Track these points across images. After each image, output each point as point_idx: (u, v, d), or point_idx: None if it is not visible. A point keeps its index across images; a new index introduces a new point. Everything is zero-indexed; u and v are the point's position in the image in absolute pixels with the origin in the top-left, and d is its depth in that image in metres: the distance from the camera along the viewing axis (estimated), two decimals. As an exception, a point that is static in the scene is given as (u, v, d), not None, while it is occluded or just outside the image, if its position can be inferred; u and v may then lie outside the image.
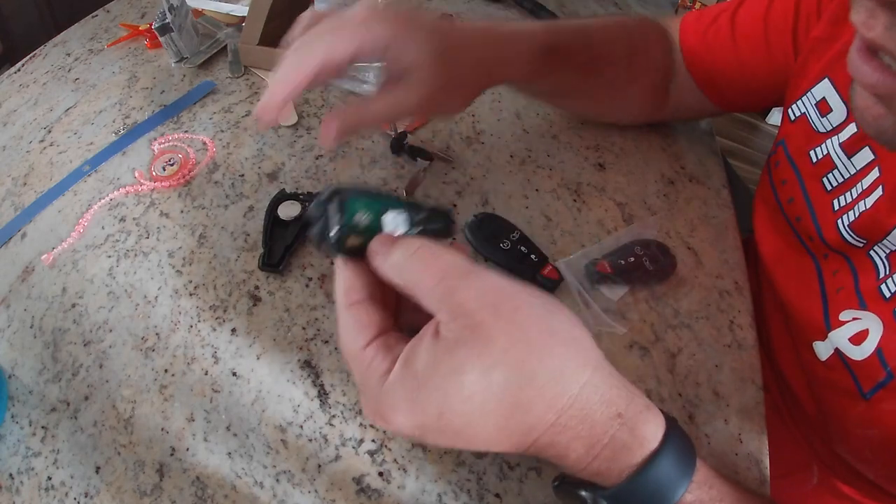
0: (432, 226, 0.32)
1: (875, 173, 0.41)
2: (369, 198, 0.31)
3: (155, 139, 0.55)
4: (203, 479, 0.36)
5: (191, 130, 0.56)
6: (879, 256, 0.41)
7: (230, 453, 0.37)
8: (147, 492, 0.36)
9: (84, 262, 0.46)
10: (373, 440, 0.38)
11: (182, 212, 0.50)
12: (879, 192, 0.40)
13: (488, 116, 0.60)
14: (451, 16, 0.73)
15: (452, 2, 0.79)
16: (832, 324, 0.43)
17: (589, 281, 0.46)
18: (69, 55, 0.66)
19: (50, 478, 0.36)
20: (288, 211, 0.48)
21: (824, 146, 0.45)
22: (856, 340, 0.41)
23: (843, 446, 0.47)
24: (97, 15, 0.72)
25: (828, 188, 0.45)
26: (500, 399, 0.26)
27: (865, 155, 0.42)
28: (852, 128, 0.43)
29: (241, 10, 0.67)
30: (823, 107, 0.45)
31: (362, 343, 0.29)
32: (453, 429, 0.27)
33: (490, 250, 0.47)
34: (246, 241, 0.48)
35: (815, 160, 0.46)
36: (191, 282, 0.45)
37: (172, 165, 0.53)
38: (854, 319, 0.42)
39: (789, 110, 0.49)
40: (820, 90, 0.46)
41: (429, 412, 0.26)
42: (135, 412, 0.39)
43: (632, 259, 0.47)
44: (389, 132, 0.55)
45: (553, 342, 0.27)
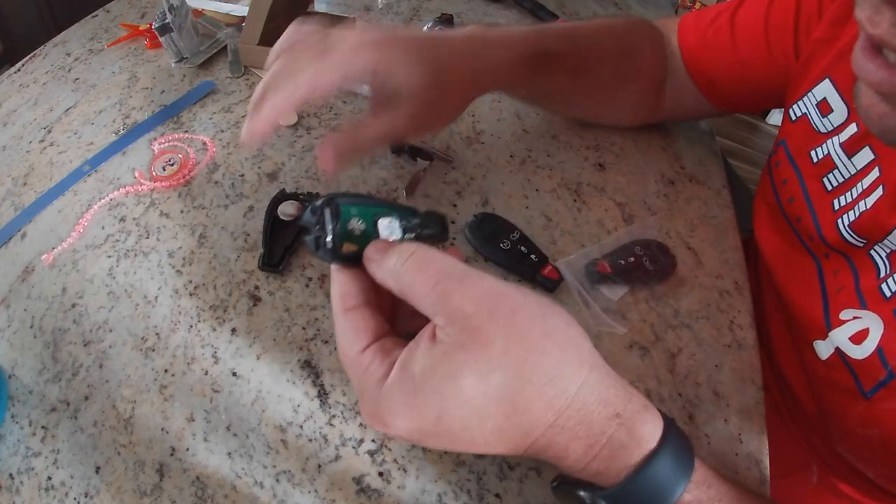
0: (427, 231, 0.32)
1: (875, 173, 0.41)
2: (363, 204, 0.31)
3: (155, 139, 0.55)
4: (203, 479, 0.36)
5: (191, 130, 0.56)
6: (880, 256, 0.41)
7: (230, 453, 0.37)
8: (147, 492, 0.36)
9: (84, 262, 0.46)
10: (373, 440, 0.38)
11: (182, 212, 0.50)
12: (880, 192, 0.40)
13: (488, 116, 0.60)
14: (451, 16, 0.73)
15: (452, 2, 0.79)
16: (833, 323, 0.43)
17: (589, 281, 0.46)
18: (69, 55, 0.66)
19: (50, 478, 0.36)
20: (288, 211, 0.48)
21: (825, 146, 0.45)
22: (856, 340, 0.41)
23: (844, 446, 0.47)
24: (97, 15, 0.73)
25: (828, 188, 0.45)
26: (498, 401, 0.26)
27: (866, 155, 0.42)
28: (853, 128, 0.43)
29: (241, 10, 0.67)
30: (824, 107, 0.45)
31: (359, 348, 0.29)
32: (451, 432, 0.27)
33: (490, 250, 0.47)
34: (246, 241, 0.48)
35: (816, 160, 0.46)
36: (191, 282, 0.45)
37: (172, 165, 0.53)
38: (854, 319, 0.42)
39: (790, 110, 0.49)
40: (821, 90, 0.46)
41: (426, 416, 0.26)
42: (135, 412, 0.39)
43: (632, 259, 0.47)
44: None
45: (550, 343, 0.27)
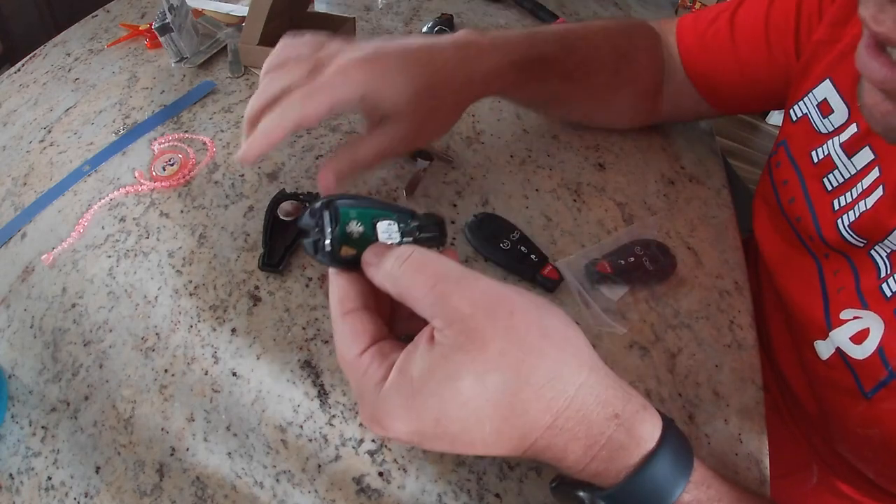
0: (425, 234, 0.32)
1: (875, 173, 0.41)
2: (362, 206, 0.31)
3: (155, 139, 0.55)
4: (203, 479, 0.36)
5: (191, 130, 0.56)
6: (880, 256, 0.41)
7: (230, 453, 0.37)
8: (147, 492, 0.36)
9: (84, 262, 0.46)
10: (373, 440, 0.38)
11: (182, 212, 0.50)
12: (880, 192, 0.40)
13: (488, 116, 0.60)
14: (451, 16, 0.73)
15: (452, 2, 0.79)
16: (833, 323, 0.43)
17: (589, 281, 0.46)
18: (69, 55, 0.66)
19: (50, 478, 0.36)
20: (287, 210, 0.48)
21: (825, 147, 0.45)
22: (857, 340, 0.41)
23: (844, 446, 0.47)
24: (97, 15, 0.73)
25: (828, 188, 0.45)
26: (497, 403, 0.26)
27: (866, 155, 0.42)
28: (853, 128, 0.43)
29: (241, 10, 0.67)
30: (825, 108, 0.45)
31: (357, 351, 0.29)
32: (450, 434, 0.27)
33: (490, 250, 0.47)
34: (246, 241, 0.48)
35: (817, 160, 0.46)
36: (191, 282, 0.45)
37: (172, 165, 0.53)
38: (855, 318, 0.42)
39: (791, 111, 0.49)
40: (821, 91, 0.46)
41: (425, 418, 0.26)
42: (135, 412, 0.39)
43: (632, 259, 0.47)
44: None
45: (548, 345, 0.27)
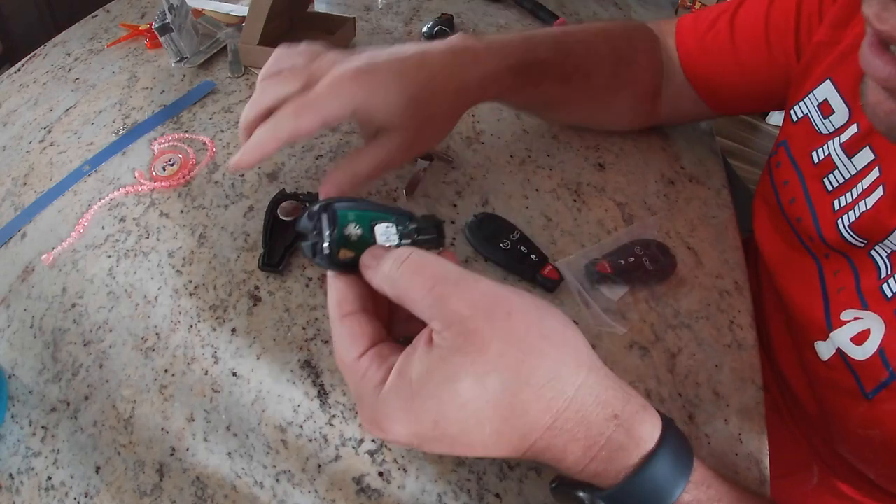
0: (423, 236, 0.32)
1: (875, 173, 0.41)
2: (360, 209, 0.31)
3: (155, 139, 0.55)
4: (203, 479, 0.36)
5: (191, 130, 0.56)
6: (881, 256, 0.41)
7: (230, 453, 0.37)
8: (147, 492, 0.36)
9: (84, 262, 0.46)
10: (373, 440, 0.38)
11: (182, 212, 0.50)
12: (880, 193, 0.40)
13: (488, 116, 0.60)
14: (451, 16, 0.73)
15: (452, 2, 0.79)
16: (833, 324, 0.43)
17: (589, 281, 0.46)
18: (69, 55, 0.66)
19: (50, 478, 0.36)
20: (288, 210, 0.48)
21: (826, 147, 0.45)
22: (857, 340, 0.41)
23: (845, 446, 0.47)
24: (97, 15, 0.73)
25: (828, 188, 0.45)
26: (496, 405, 0.26)
27: (866, 155, 0.42)
28: (853, 128, 0.43)
29: (241, 10, 0.67)
30: (825, 108, 0.45)
31: (356, 354, 0.29)
32: (449, 436, 0.27)
33: (490, 250, 0.47)
34: (246, 241, 0.48)
35: (817, 161, 0.46)
36: (191, 282, 0.45)
37: (172, 165, 0.53)
38: (855, 319, 0.42)
39: (791, 111, 0.49)
40: (822, 92, 0.46)
41: (424, 420, 0.26)
42: (135, 412, 0.39)
43: (632, 259, 0.47)
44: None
45: (547, 345, 0.27)
